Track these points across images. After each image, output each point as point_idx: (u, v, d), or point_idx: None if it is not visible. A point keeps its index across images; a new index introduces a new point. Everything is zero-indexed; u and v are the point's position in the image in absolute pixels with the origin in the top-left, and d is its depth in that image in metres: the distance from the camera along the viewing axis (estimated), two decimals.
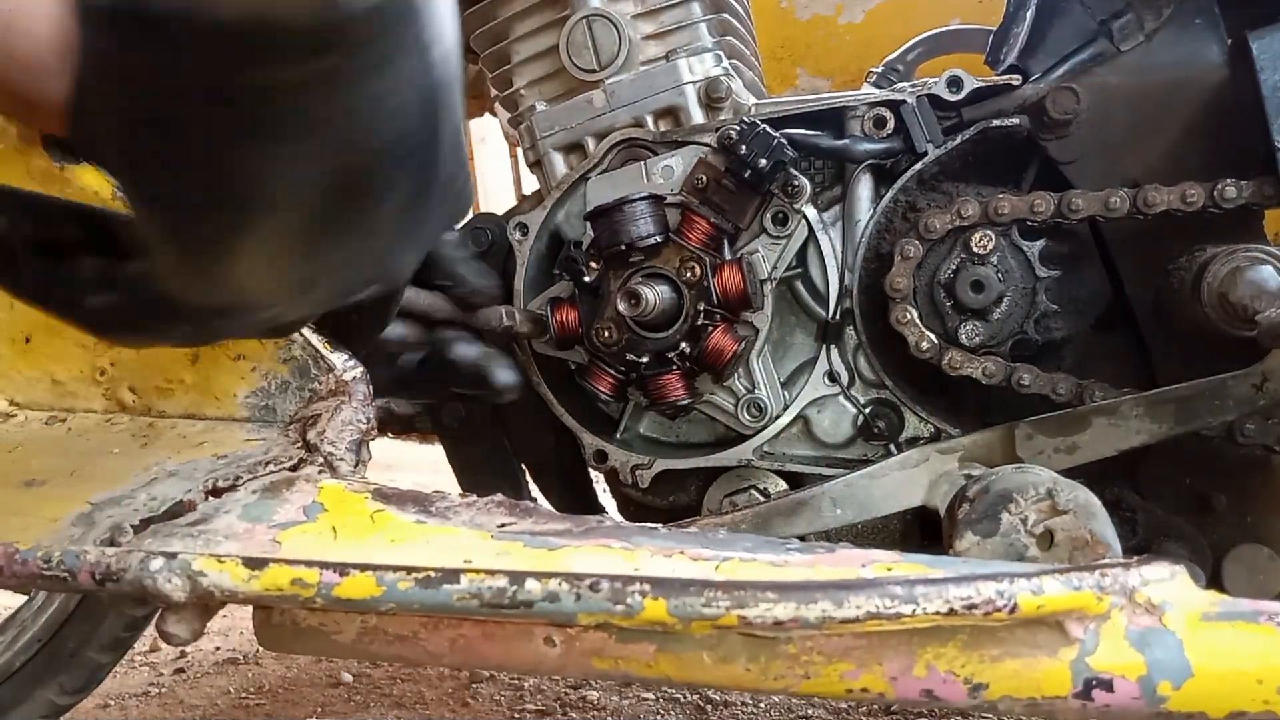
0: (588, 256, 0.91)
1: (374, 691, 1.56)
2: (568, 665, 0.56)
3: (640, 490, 0.95)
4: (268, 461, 0.68)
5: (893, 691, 0.52)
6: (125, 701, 1.56)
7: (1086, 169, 0.87)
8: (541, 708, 1.47)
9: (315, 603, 0.52)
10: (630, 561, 0.56)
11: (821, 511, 0.82)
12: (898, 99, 0.89)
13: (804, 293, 0.94)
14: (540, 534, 0.60)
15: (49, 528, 0.62)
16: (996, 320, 0.86)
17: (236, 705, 1.54)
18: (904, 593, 0.48)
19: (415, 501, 0.64)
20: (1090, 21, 0.88)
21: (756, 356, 0.92)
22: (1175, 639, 0.49)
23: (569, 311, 0.92)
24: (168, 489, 0.64)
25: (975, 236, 0.85)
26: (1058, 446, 0.80)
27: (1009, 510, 0.66)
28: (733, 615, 0.48)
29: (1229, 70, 0.84)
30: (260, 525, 0.61)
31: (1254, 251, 0.79)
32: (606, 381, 0.93)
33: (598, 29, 0.93)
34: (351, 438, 0.70)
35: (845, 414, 0.93)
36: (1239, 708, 0.49)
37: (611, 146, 0.94)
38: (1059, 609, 0.49)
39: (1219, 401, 0.76)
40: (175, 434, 0.74)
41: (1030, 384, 0.85)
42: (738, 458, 0.93)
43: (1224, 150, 0.84)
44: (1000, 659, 0.51)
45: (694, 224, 0.89)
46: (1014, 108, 0.88)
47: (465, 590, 0.50)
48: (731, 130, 0.88)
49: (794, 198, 0.90)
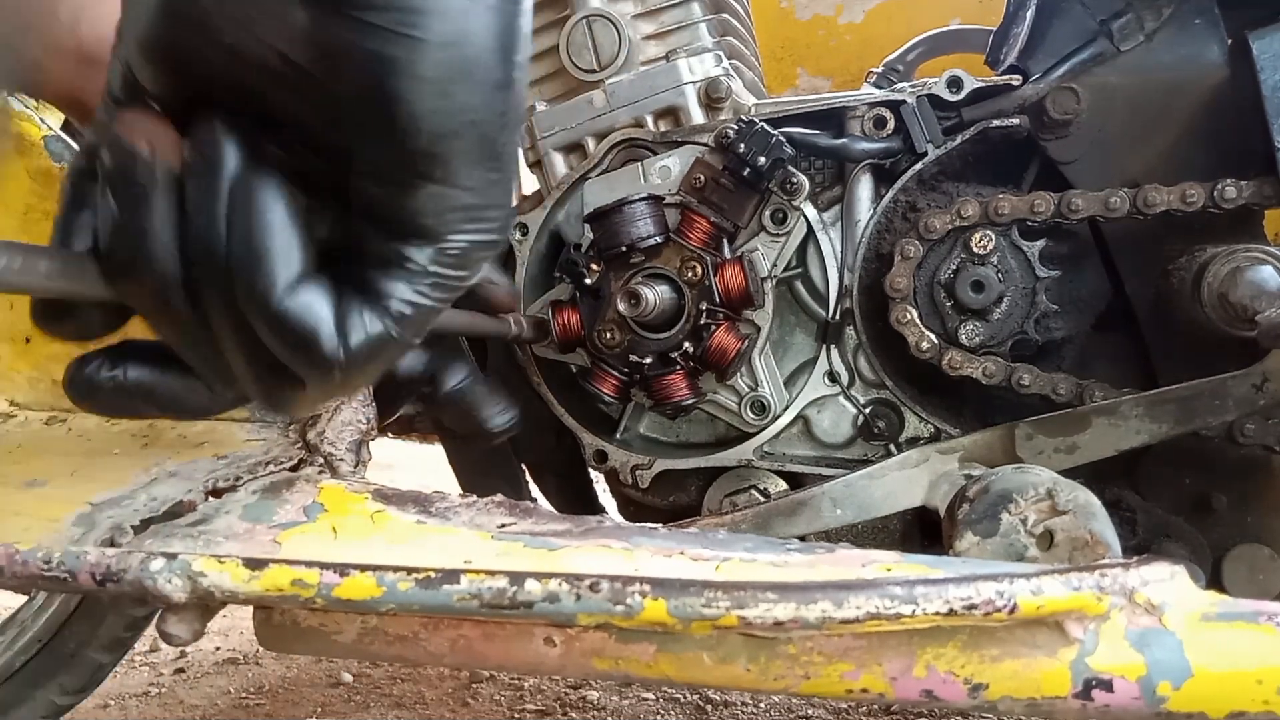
0: (588, 259, 0.91)
1: (374, 691, 1.56)
2: (568, 665, 0.56)
3: (640, 490, 0.95)
4: (268, 462, 0.68)
5: (893, 692, 0.52)
6: (125, 701, 1.56)
7: (1086, 169, 0.87)
8: (541, 708, 1.47)
9: (315, 603, 0.52)
10: (630, 562, 0.56)
11: (821, 511, 0.82)
12: (898, 99, 0.89)
13: (804, 293, 0.94)
14: (540, 534, 0.60)
15: (49, 528, 0.62)
16: (996, 320, 0.86)
17: (236, 705, 1.54)
18: (904, 593, 0.48)
19: (415, 502, 0.64)
20: (1090, 21, 0.88)
21: (759, 355, 0.92)
22: (1175, 639, 0.50)
23: (570, 314, 0.92)
24: (168, 489, 0.65)
25: (975, 237, 0.85)
26: (1058, 446, 0.80)
27: (1009, 510, 0.66)
28: (733, 615, 0.48)
29: (1229, 70, 0.84)
30: (260, 525, 0.61)
31: (1254, 251, 0.79)
32: (609, 383, 0.93)
33: (598, 29, 0.93)
34: (351, 438, 0.70)
35: (845, 414, 0.93)
36: (1239, 708, 0.49)
37: (611, 147, 0.94)
38: (1059, 609, 0.49)
39: (1219, 401, 0.76)
40: (175, 435, 0.74)
41: (1030, 384, 0.85)
42: (738, 458, 0.93)
43: (1224, 150, 0.84)
44: (1000, 659, 0.51)
45: (694, 223, 0.89)
46: (1014, 108, 0.88)
47: (465, 591, 0.50)
48: (729, 129, 0.88)
49: (793, 195, 0.90)
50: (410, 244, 0.44)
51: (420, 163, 0.43)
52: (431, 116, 0.42)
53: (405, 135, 0.42)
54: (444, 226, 0.44)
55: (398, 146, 0.42)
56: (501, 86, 0.43)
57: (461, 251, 0.45)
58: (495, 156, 0.44)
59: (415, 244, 0.44)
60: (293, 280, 0.43)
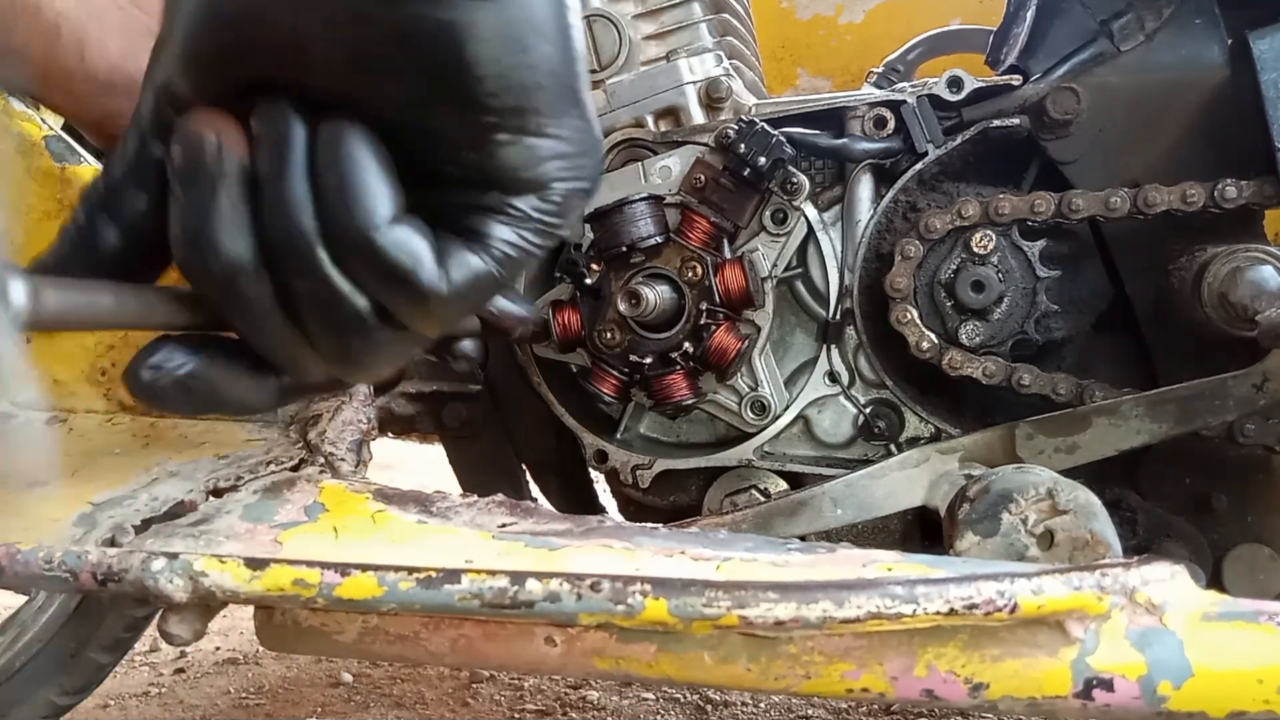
0: (588, 259, 0.91)
1: (374, 691, 1.56)
2: (568, 665, 0.56)
3: (641, 490, 0.95)
4: (269, 462, 0.68)
5: (893, 691, 0.52)
6: (125, 701, 1.56)
7: (1087, 169, 0.87)
8: (541, 708, 1.47)
9: (316, 603, 0.52)
10: (631, 561, 0.56)
11: (822, 511, 0.82)
12: (898, 99, 0.89)
13: (804, 293, 0.94)
14: (541, 534, 0.60)
15: (50, 528, 0.62)
16: (997, 320, 0.86)
17: (236, 705, 1.54)
18: (905, 593, 0.48)
19: (416, 501, 0.64)
20: (1090, 21, 0.88)
21: (759, 354, 0.92)
22: (1175, 639, 0.50)
23: (570, 314, 0.92)
24: (169, 489, 0.65)
25: (975, 236, 0.85)
26: (1058, 446, 0.80)
27: (1009, 510, 0.66)
28: (734, 615, 0.48)
29: (1229, 70, 0.84)
30: (261, 525, 0.61)
31: (1254, 251, 0.79)
32: (610, 383, 0.93)
33: (598, 29, 0.93)
34: (352, 438, 0.70)
35: (845, 414, 0.93)
36: (1239, 708, 0.49)
37: (612, 147, 0.94)
38: (1059, 609, 0.49)
39: (1219, 401, 0.76)
40: (176, 434, 0.74)
41: (1030, 384, 0.85)
42: (738, 458, 0.93)
43: (1224, 150, 0.84)
44: (1001, 659, 0.51)
45: (694, 223, 0.89)
46: (1014, 108, 0.88)
47: (466, 590, 0.50)
48: (729, 129, 0.88)
49: (793, 195, 0.90)
50: (512, 195, 0.45)
51: (510, 119, 0.43)
52: (513, 73, 0.42)
53: (491, 96, 0.42)
54: (545, 175, 0.45)
55: (483, 110, 0.43)
56: (567, 35, 0.44)
57: (563, 198, 0.46)
58: (578, 103, 0.45)
59: (517, 195, 0.45)
60: (390, 216, 0.44)
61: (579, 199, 0.47)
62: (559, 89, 0.44)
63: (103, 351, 0.78)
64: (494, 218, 0.45)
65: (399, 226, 0.44)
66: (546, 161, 0.45)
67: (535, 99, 0.43)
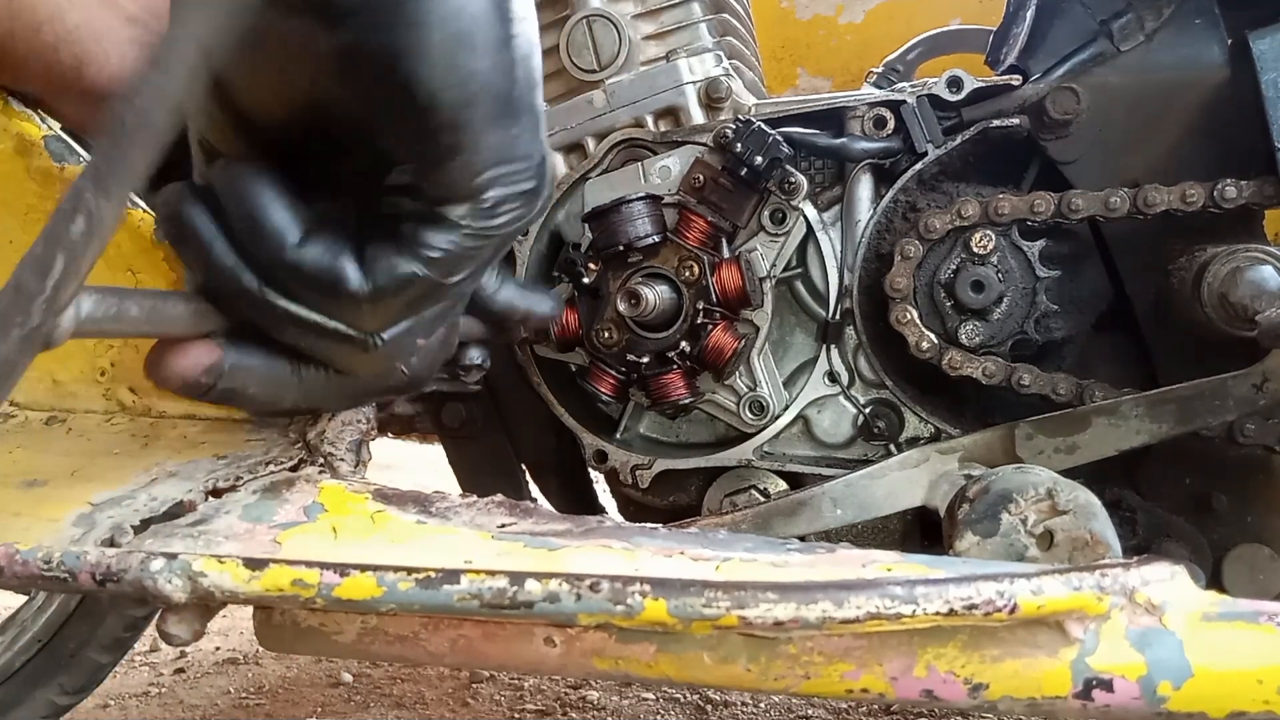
0: (586, 258, 0.91)
1: (374, 691, 1.56)
2: (568, 665, 0.56)
3: (640, 490, 0.95)
4: (268, 462, 0.67)
5: (893, 691, 0.52)
6: (125, 701, 1.56)
7: (1086, 169, 0.87)
8: (541, 708, 1.47)
9: (316, 603, 0.52)
10: (630, 562, 0.56)
11: (821, 511, 0.82)
12: (898, 99, 0.89)
13: (804, 293, 0.94)
14: (541, 534, 0.60)
15: (49, 528, 0.62)
16: (996, 320, 0.86)
17: (236, 705, 1.54)
18: (904, 593, 0.48)
19: (415, 501, 0.64)
20: (1090, 21, 0.88)
21: (757, 355, 0.92)
22: (1175, 639, 0.49)
23: (569, 314, 0.92)
24: (168, 489, 0.64)
25: (975, 236, 0.85)
26: (1058, 446, 0.80)
27: (1009, 510, 0.66)
28: (733, 615, 0.48)
29: (1229, 70, 0.84)
30: (261, 526, 0.61)
31: (1254, 251, 0.79)
32: (608, 382, 0.93)
33: (598, 29, 0.93)
34: (351, 438, 0.70)
35: (845, 414, 0.93)
36: (1239, 708, 0.49)
37: (612, 147, 0.94)
38: (1059, 609, 0.49)
39: (1219, 401, 0.76)
40: (176, 434, 0.74)
41: (1030, 384, 0.85)
42: (738, 458, 0.93)
43: (1224, 150, 0.84)
44: (1000, 659, 0.51)
45: (692, 223, 0.89)
46: (1014, 108, 0.88)
47: (466, 591, 0.50)
48: (728, 129, 0.88)
49: (791, 195, 0.90)
50: (445, 204, 0.48)
51: (445, 135, 0.46)
52: (445, 91, 0.44)
53: (425, 114, 0.45)
54: (479, 185, 0.47)
55: (418, 126, 0.45)
56: (503, 45, 0.46)
57: (494, 203, 0.48)
58: (512, 113, 0.47)
59: (450, 205, 0.48)
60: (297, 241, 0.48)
61: (516, 203, 0.49)
62: (490, 101, 0.46)
63: (102, 351, 0.77)
64: (427, 225, 0.48)
65: (309, 247, 0.48)
66: (480, 173, 0.47)
67: (467, 114, 0.45)
